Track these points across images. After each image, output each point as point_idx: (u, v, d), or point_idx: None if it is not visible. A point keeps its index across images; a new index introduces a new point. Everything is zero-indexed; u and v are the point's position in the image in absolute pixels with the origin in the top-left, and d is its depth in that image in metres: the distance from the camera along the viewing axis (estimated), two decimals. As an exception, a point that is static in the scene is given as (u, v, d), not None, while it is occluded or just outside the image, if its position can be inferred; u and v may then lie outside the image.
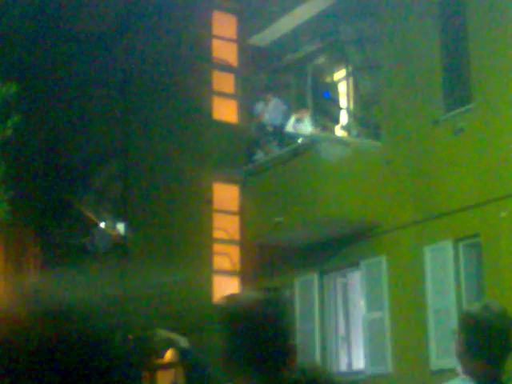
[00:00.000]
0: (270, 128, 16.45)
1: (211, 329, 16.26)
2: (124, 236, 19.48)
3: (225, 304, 2.46)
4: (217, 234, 17.86)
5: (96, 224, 19.78)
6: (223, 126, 18.24)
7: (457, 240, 13.34)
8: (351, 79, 16.67)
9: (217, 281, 17.66)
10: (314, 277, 15.70)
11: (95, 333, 1.63)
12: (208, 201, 17.83)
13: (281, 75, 17.69)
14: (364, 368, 14.63)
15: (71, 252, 20.64)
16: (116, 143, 21.01)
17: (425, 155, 13.98)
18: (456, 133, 13.42)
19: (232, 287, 17.52)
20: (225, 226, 17.96)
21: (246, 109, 17.80)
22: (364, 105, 16.09)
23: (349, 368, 15.35)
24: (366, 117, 15.98)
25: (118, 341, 1.63)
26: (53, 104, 23.82)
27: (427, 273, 13.60)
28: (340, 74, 17.17)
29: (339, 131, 16.57)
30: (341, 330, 15.67)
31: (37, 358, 1.61)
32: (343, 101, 17.09)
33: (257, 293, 2.44)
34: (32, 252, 24.56)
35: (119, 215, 20.06)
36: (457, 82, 13.98)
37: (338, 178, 14.53)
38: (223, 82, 18.74)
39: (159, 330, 3.40)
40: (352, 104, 16.71)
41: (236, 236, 17.83)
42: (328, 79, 17.50)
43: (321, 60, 17.24)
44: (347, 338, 15.66)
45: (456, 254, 13.33)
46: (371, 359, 14.44)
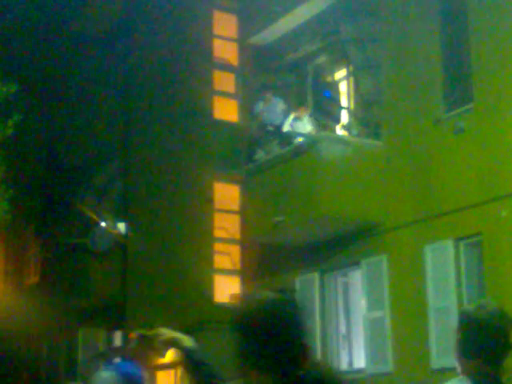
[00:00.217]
0: (271, 127, 16.45)
1: (212, 327, 16.24)
2: (125, 235, 19.50)
3: (240, 304, 2.48)
4: (217, 233, 17.87)
5: (97, 223, 19.79)
6: (224, 126, 18.25)
7: (458, 239, 13.33)
8: (352, 79, 16.66)
9: (217, 280, 17.67)
10: (315, 276, 15.70)
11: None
12: (209, 200, 17.84)
13: (281, 75, 17.68)
14: (365, 367, 14.63)
15: (72, 251, 20.65)
16: (117, 143, 21.03)
17: (425, 154, 13.98)
18: (456, 132, 13.41)
19: (233, 286, 17.54)
20: (225, 225, 17.97)
21: (247, 108, 17.81)
22: (365, 104, 16.09)
23: (349, 367, 15.35)
24: (367, 116, 15.98)
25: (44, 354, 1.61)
26: (53, 103, 23.84)
27: (428, 272, 13.59)
28: (340, 74, 17.17)
29: (340, 131, 16.57)
30: (341, 329, 15.67)
31: None
32: (344, 100, 17.09)
33: (272, 293, 2.44)
34: (32, 251, 24.57)
35: (120, 214, 20.08)
36: (457, 82, 13.98)
37: (339, 178, 14.53)
38: (224, 82, 18.75)
39: (163, 329, 3.29)
40: (352, 103, 16.71)
41: (237, 235, 17.84)
42: (328, 79, 17.50)
43: (321, 59, 17.24)
44: (348, 337, 15.67)
45: (457, 253, 13.32)
46: (372, 358, 14.44)
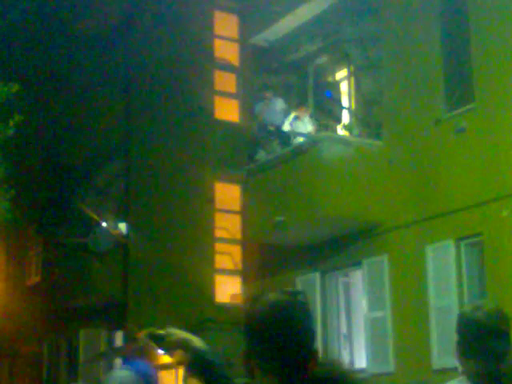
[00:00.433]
0: (271, 127, 16.45)
1: (213, 327, 16.24)
2: (126, 235, 19.51)
3: (250, 304, 2.47)
4: (218, 234, 17.86)
5: (98, 223, 19.79)
6: (225, 126, 18.24)
7: (459, 239, 13.33)
8: (353, 79, 16.67)
9: (218, 280, 17.66)
10: (316, 276, 15.70)
11: None
12: (210, 200, 17.83)
13: (282, 75, 17.69)
14: (366, 367, 14.63)
15: (73, 251, 20.65)
16: (118, 143, 21.03)
17: (427, 154, 13.98)
18: (458, 132, 13.41)
19: (233, 286, 17.54)
20: (226, 226, 17.96)
21: (248, 108, 17.81)
22: (366, 104, 16.09)
23: (351, 367, 15.35)
24: (368, 116, 15.98)
25: None
26: (55, 103, 23.83)
27: (429, 272, 13.59)
28: (341, 74, 17.17)
29: (341, 131, 16.57)
30: (343, 329, 15.68)
31: None
32: (345, 100, 17.09)
33: (282, 295, 2.44)
34: (34, 251, 24.58)
35: (121, 214, 20.08)
36: (459, 81, 13.98)
37: (340, 178, 14.53)
38: (225, 82, 18.74)
39: (173, 329, 3.14)
40: (353, 103, 16.71)
41: (238, 235, 17.83)
42: (329, 79, 17.50)
43: (322, 59, 17.24)
44: (349, 337, 15.67)
45: (458, 253, 13.32)
46: (373, 358, 14.45)
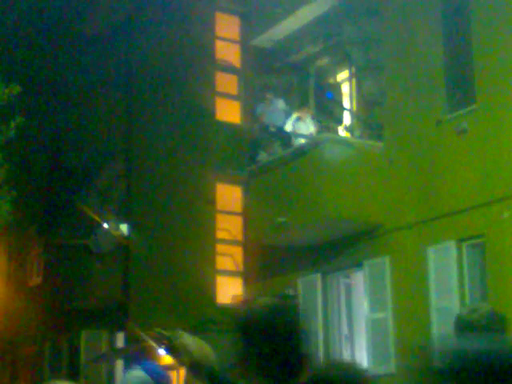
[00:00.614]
0: (273, 128, 16.44)
1: (214, 329, 16.20)
2: (127, 236, 19.50)
3: (243, 308, 2.48)
4: (220, 235, 17.87)
5: (99, 224, 19.78)
6: (226, 127, 18.25)
7: (460, 240, 13.32)
8: (354, 80, 16.66)
9: (220, 281, 17.66)
10: (317, 277, 15.69)
11: None
12: (211, 201, 17.83)
13: (284, 76, 17.69)
14: (367, 368, 14.62)
15: (74, 252, 20.65)
16: (119, 144, 21.02)
17: (428, 156, 13.97)
18: (459, 133, 13.41)
19: (235, 287, 17.53)
20: (228, 227, 17.97)
21: (249, 110, 17.81)
22: (367, 105, 16.08)
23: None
24: (369, 118, 15.98)
25: None
26: (56, 105, 23.84)
27: (430, 273, 13.58)
28: (343, 75, 17.17)
29: (342, 132, 16.57)
30: (344, 330, 15.67)
31: None
32: (346, 102, 17.09)
33: (274, 299, 2.43)
34: (35, 252, 24.58)
35: (122, 216, 20.07)
36: (460, 83, 13.97)
37: (341, 179, 14.53)
38: (226, 83, 18.75)
39: (183, 333, 2.91)
40: (355, 105, 16.71)
41: (239, 236, 17.83)
42: (331, 80, 17.50)
43: (324, 61, 17.24)
44: (350, 338, 15.66)
45: (459, 255, 13.31)
46: (374, 359, 14.44)
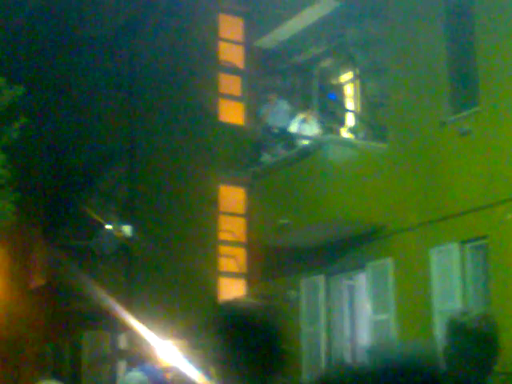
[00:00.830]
0: (276, 130, 16.44)
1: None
2: (130, 238, 19.49)
3: (220, 310, 2.54)
4: (223, 236, 17.86)
5: (102, 226, 19.78)
6: (230, 129, 18.25)
7: (463, 242, 13.31)
8: (357, 81, 16.65)
9: (223, 283, 17.66)
10: (320, 279, 15.68)
11: None
12: (214, 203, 17.83)
13: (287, 77, 17.68)
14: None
15: (77, 253, 20.66)
16: (122, 145, 21.03)
17: (431, 157, 13.96)
18: (462, 135, 13.39)
19: (238, 289, 17.53)
20: (231, 228, 17.97)
21: (253, 111, 17.81)
22: (370, 107, 16.07)
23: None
24: (373, 119, 15.97)
25: None
26: (59, 106, 23.86)
27: (433, 275, 13.57)
28: (346, 77, 17.16)
29: (346, 133, 16.56)
30: (346, 332, 15.65)
31: None
32: (349, 103, 17.08)
33: (251, 300, 2.48)
34: (38, 253, 24.60)
35: (125, 217, 20.06)
36: (464, 84, 13.96)
37: (345, 180, 14.52)
38: (230, 85, 18.75)
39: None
40: (358, 106, 16.70)
41: (242, 238, 17.83)
42: (334, 81, 17.49)
43: (327, 62, 17.23)
44: (353, 340, 15.64)
45: (462, 256, 13.30)
46: (377, 361, 14.40)
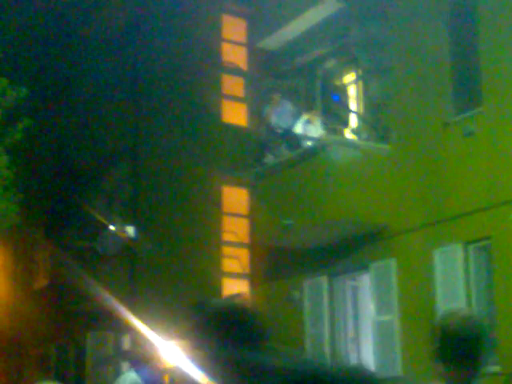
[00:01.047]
0: (280, 130, 16.44)
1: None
2: (133, 239, 19.52)
3: (201, 307, 3.13)
4: (226, 237, 17.87)
5: (105, 227, 19.81)
6: (233, 129, 18.26)
7: (467, 243, 13.30)
8: (361, 82, 16.65)
9: (226, 283, 17.67)
10: (324, 279, 15.69)
11: None
12: (217, 204, 17.84)
13: (290, 79, 17.68)
14: (373, 370, 14.59)
15: (80, 254, 20.68)
16: (125, 146, 21.06)
17: (435, 158, 13.96)
18: (466, 136, 13.39)
19: (241, 290, 17.53)
20: (234, 229, 17.97)
21: (256, 112, 17.81)
22: (374, 108, 16.07)
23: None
24: (376, 120, 15.96)
25: None
26: (63, 107, 23.89)
27: (437, 276, 13.56)
28: (349, 78, 17.15)
29: (349, 134, 16.56)
30: (350, 333, 15.65)
31: None
32: (353, 104, 17.08)
33: (225, 301, 3.00)
34: (41, 254, 24.63)
35: (128, 218, 20.10)
36: (467, 85, 13.95)
37: (348, 181, 14.52)
38: (233, 86, 18.76)
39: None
40: (362, 107, 16.69)
41: (245, 239, 17.83)
42: (337, 82, 17.48)
43: (330, 63, 17.22)
44: (356, 341, 15.64)
45: (466, 257, 13.29)
46: (381, 362, 14.42)
